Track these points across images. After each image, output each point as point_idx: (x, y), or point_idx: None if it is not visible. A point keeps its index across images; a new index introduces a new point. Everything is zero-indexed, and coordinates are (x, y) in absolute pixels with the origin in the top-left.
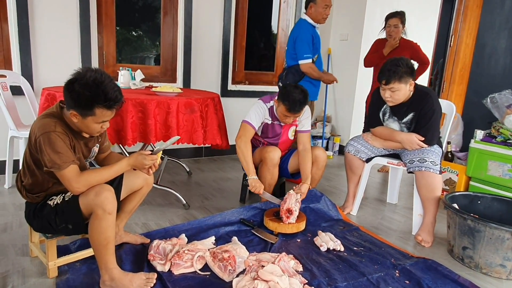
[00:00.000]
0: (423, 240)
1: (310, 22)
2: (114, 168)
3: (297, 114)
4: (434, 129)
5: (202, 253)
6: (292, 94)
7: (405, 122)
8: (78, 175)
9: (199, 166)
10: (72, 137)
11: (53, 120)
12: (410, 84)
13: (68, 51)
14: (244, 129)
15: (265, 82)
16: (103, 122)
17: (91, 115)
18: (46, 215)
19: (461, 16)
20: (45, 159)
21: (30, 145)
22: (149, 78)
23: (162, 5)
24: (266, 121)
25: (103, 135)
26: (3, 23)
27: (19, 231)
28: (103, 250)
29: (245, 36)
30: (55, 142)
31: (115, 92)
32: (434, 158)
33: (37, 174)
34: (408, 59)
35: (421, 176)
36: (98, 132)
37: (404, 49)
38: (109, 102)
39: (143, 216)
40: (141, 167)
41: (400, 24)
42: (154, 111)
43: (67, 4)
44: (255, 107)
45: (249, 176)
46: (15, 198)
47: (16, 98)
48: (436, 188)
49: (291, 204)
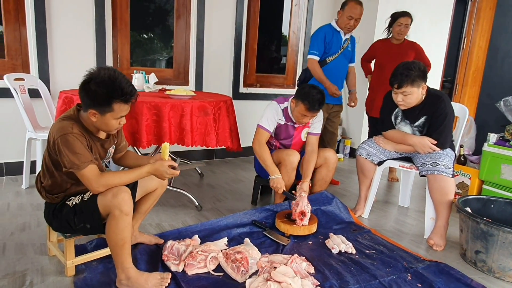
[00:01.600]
0: (435, 244)
1: (333, 25)
2: (135, 173)
3: (315, 113)
4: (447, 132)
5: (215, 254)
6: (311, 93)
7: (417, 126)
8: (98, 175)
9: (211, 168)
10: (88, 138)
11: (70, 123)
12: (423, 87)
13: (84, 55)
14: (259, 134)
15: (276, 85)
16: (120, 117)
17: (109, 111)
18: (65, 215)
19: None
20: (64, 160)
21: (49, 147)
22: (162, 81)
23: (175, 9)
24: (279, 122)
25: (119, 136)
26: (21, 28)
27: (37, 231)
28: (120, 250)
29: (256, 39)
30: (73, 144)
31: (130, 86)
32: (446, 162)
33: (56, 176)
34: (420, 62)
35: (433, 180)
36: (116, 128)
37: (409, 49)
38: (126, 96)
39: (156, 217)
40: (160, 177)
41: (409, 24)
42: (168, 114)
43: (83, 8)
44: (269, 109)
45: (273, 176)
46: (33, 198)
47: (33, 100)
48: (449, 191)
49: (304, 206)
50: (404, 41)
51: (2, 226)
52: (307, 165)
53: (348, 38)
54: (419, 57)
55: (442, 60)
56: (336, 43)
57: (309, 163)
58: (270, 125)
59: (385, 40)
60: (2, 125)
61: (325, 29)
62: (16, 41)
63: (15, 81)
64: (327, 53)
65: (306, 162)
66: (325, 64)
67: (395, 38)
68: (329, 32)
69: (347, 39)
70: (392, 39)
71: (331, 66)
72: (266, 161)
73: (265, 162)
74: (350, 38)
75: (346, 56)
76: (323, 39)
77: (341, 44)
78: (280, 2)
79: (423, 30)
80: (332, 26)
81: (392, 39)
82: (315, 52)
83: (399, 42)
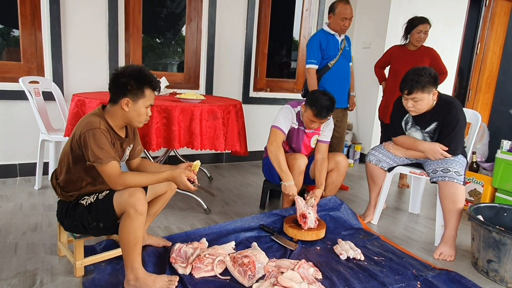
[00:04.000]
0: (444, 254)
1: (326, 30)
2: (154, 177)
3: (323, 120)
4: (458, 139)
5: (223, 258)
6: (320, 100)
7: (428, 132)
8: (119, 173)
9: (220, 172)
10: (113, 135)
11: (98, 119)
12: (434, 93)
13: (97, 59)
14: (275, 135)
15: (287, 90)
16: (150, 105)
17: (142, 97)
18: (79, 213)
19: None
20: (89, 153)
21: (72, 141)
22: (173, 85)
23: (186, 13)
24: (293, 126)
25: (136, 138)
26: (37, 32)
27: (48, 231)
28: (132, 249)
29: (267, 43)
30: (99, 138)
31: (154, 76)
32: (458, 168)
33: (72, 172)
34: (431, 68)
35: (444, 186)
36: (145, 120)
37: (424, 55)
38: (154, 82)
39: (165, 219)
40: (176, 184)
41: (428, 31)
42: (178, 118)
43: (97, 13)
44: (284, 111)
45: (286, 182)
46: (45, 198)
47: (47, 103)
48: (459, 199)
49: (302, 208)
50: (421, 47)
51: (14, 226)
52: (319, 173)
53: (343, 39)
54: (434, 63)
55: (455, 65)
56: (333, 47)
57: (321, 171)
58: (285, 127)
59: (401, 46)
60: (16, 127)
61: (319, 35)
62: (31, 45)
63: (30, 84)
64: (327, 59)
65: (319, 170)
66: (328, 70)
67: (413, 44)
68: (323, 37)
69: (342, 39)
70: (409, 45)
71: (334, 70)
72: (281, 165)
73: (280, 165)
74: (345, 38)
75: (346, 56)
76: (319, 46)
77: (339, 46)
78: (291, 7)
79: (436, 34)
80: (326, 31)
81: (409, 45)
82: (313, 61)
83: (415, 48)
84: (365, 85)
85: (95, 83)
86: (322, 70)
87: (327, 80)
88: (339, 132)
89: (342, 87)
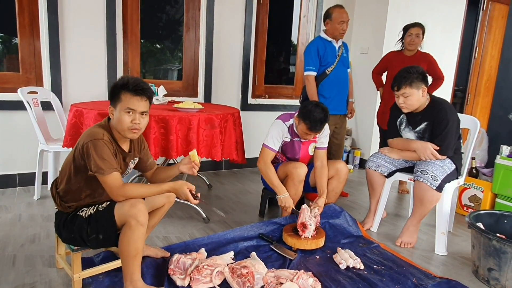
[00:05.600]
0: (403, 242)
1: (324, 37)
2: (156, 188)
3: (318, 132)
4: (449, 139)
5: (221, 268)
6: (313, 113)
7: (417, 131)
8: (121, 184)
9: (219, 179)
10: (116, 147)
11: (102, 130)
12: (423, 90)
13: (95, 68)
14: (264, 153)
15: (285, 96)
16: (130, 110)
17: (119, 101)
18: (78, 225)
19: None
20: (91, 163)
21: (75, 151)
22: (171, 93)
23: (184, 22)
24: (285, 140)
25: (144, 152)
26: (36, 42)
27: (46, 242)
28: (132, 260)
29: (265, 50)
30: (102, 149)
31: (138, 80)
32: (436, 173)
33: (73, 182)
34: (420, 67)
35: (417, 186)
36: (129, 128)
37: (421, 61)
38: (131, 85)
39: (164, 229)
40: (178, 196)
41: (421, 34)
42: (176, 127)
43: (95, 22)
44: (274, 128)
45: (281, 195)
46: (44, 209)
47: (46, 113)
48: (426, 201)
49: (305, 218)
50: (417, 53)
51: (13, 238)
52: (320, 181)
53: (341, 45)
54: (431, 68)
55: (453, 69)
56: (330, 53)
57: (321, 179)
58: (275, 144)
59: (398, 52)
60: (15, 137)
61: (316, 42)
62: (30, 55)
63: (28, 94)
64: (325, 65)
65: (319, 178)
66: (326, 76)
67: (407, 49)
68: (321, 44)
69: (340, 46)
70: (405, 50)
71: (332, 77)
72: (273, 180)
73: (271, 181)
74: (342, 44)
75: (344, 63)
76: (317, 53)
77: (336, 52)
78: (288, 13)
79: (434, 39)
80: (323, 38)
81: (405, 51)
82: (311, 68)
83: (411, 53)
84: (363, 91)
85: (94, 92)
86: (320, 77)
87: (325, 87)
88: (338, 139)
89: (340, 93)
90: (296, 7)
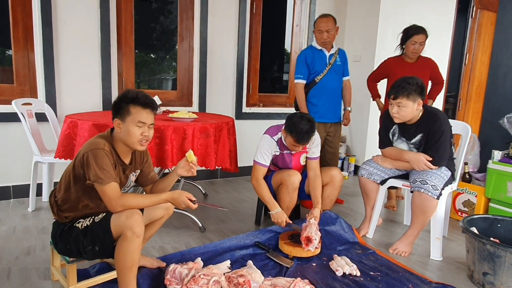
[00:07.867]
0: (398, 250)
1: (314, 45)
2: (154, 199)
3: (305, 144)
4: (443, 150)
5: (218, 278)
6: (298, 125)
7: (413, 143)
8: (119, 194)
9: (214, 188)
10: (116, 159)
11: (103, 140)
12: (418, 103)
13: (90, 79)
14: (256, 170)
15: (279, 104)
16: (141, 123)
17: (128, 115)
18: (74, 237)
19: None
20: (90, 173)
21: (75, 160)
22: (166, 103)
23: (178, 32)
24: (275, 154)
25: (146, 165)
26: (30, 54)
27: (41, 255)
28: (128, 272)
29: (258, 59)
30: (102, 159)
31: (145, 94)
32: (436, 182)
33: (72, 191)
34: (420, 79)
35: (418, 196)
36: (139, 140)
37: (425, 67)
38: (140, 99)
39: (159, 239)
40: (176, 205)
41: (424, 42)
42: (171, 137)
43: (89, 34)
44: (263, 143)
45: (273, 211)
46: (39, 221)
47: (40, 124)
48: (429, 211)
49: (312, 232)
50: (419, 58)
51: (8, 250)
52: (314, 191)
53: (334, 53)
54: (434, 74)
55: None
56: (319, 62)
57: (316, 188)
58: (265, 160)
59: (397, 57)
60: (9, 149)
61: (305, 51)
62: (24, 67)
63: (22, 106)
64: (313, 74)
65: (313, 188)
66: (315, 84)
67: (409, 57)
68: (309, 53)
69: (332, 54)
70: (405, 57)
71: (321, 85)
72: (265, 197)
73: (263, 198)
74: (338, 52)
75: (337, 71)
76: (305, 61)
77: (326, 61)
78: (281, 23)
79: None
80: (313, 47)
81: (405, 57)
82: (300, 76)
83: (413, 60)
84: (356, 98)
85: (89, 104)
86: (310, 85)
87: (314, 94)
88: (332, 147)
89: (329, 101)
90: (289, 16)
